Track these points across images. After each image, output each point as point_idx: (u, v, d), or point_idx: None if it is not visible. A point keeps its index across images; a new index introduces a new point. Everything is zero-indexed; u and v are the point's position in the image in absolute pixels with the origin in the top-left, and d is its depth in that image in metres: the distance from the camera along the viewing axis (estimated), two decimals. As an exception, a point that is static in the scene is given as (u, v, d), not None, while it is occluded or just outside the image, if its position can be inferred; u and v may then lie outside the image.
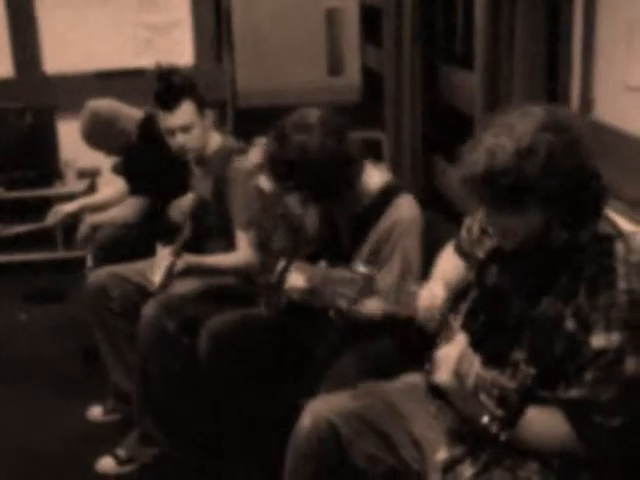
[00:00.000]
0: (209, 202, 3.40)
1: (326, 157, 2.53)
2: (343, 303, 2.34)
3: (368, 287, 2.27)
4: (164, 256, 3.16)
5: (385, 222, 2.65)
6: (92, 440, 3.45)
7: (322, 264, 2.49)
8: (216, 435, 3.07)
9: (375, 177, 2.73)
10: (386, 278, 2.55)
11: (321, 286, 2.40)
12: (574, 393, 1.83)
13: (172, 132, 3.30)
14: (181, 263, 3.17)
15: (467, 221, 2.34)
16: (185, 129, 3.28)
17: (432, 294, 2.21)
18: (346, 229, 2.78)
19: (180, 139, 3.30)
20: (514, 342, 1.94)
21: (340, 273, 2.33)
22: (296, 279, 2.58)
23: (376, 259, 2.64)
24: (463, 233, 2.35)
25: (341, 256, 2.58)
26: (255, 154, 3.27)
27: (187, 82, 3.30)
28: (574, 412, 1.84)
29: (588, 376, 1.82)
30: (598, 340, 1.80)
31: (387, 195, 2.68)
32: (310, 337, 2.82)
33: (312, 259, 2.60)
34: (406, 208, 2.66)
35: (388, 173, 2.81)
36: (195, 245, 3.35)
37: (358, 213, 2.72)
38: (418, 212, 2.69)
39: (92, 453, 3.33)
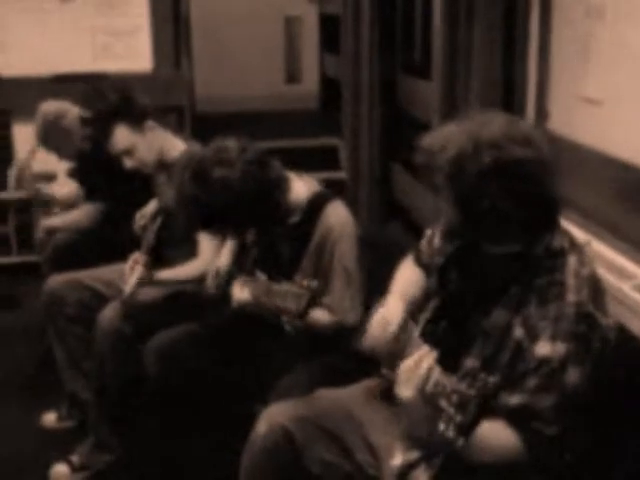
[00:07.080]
0: (173, 209, 3.36)
1: (250, 189, 2.51)
2: (288, 318, 2.38)
3: (314, 300, 2.30)
4: (136, 268, 3.12)
5: (318, 233, 2.65)
6: (46, 447, 3.41)
7: (261, 277, 2.50)
8: (172, 442, 3.06)
9: (301, 189, 2.73)
10: (330, 290, 2.59)
11: (266, 300, 2.42)
12: (515, 400, 1.86)
13: (118, 157, 3.27)
14: (152, 279, 3.13)
15: (428, 232, 2.35)
16: (128, 152, 3.24)
17: (384, 319, 2.17)
18: (282, 244, 2.78)
19: (128, 162, 3.26)
20: (467, 350, 1.97)
21: (285, 288, 2.35)
22: (240, 292, 2.59)
23: (317, 271, 2.65)
24: (423, 244, 2.35)
25: (280, 271, 2.59)
26: None
27: (115, 103, 3.20)
28: (515, 418, 1.86)
29: (530, 383, 1.84)
30: (543, 348, 1.83)
31: (316, 205, 2.69)
32: (264, 349, 2.81)
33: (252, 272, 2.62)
34: (335, 215, 2.67)
35: (313, 182, 2.80)
36: (158, 252, 3.33)
37: (291, 227, 2.72)
38: (348, 216, 2.70)
39: (46, 460, 3.29)
